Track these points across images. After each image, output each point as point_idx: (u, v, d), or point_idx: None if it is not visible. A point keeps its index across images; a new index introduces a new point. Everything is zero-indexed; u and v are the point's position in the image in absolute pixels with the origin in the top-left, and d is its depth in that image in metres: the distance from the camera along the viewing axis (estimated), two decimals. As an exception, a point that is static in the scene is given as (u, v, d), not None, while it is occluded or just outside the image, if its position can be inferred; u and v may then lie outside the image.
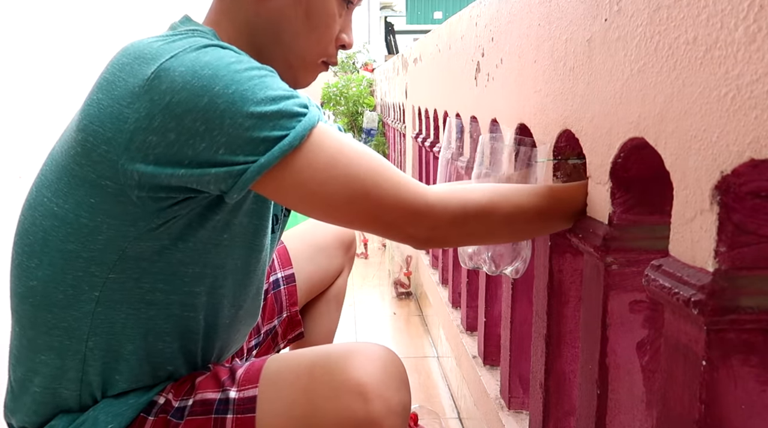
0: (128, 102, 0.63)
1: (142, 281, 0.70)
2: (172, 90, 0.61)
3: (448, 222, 0.70)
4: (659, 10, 0.55)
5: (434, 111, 1.86)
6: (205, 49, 0.65)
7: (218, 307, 0.78)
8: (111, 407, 0.72)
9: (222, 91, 0.61)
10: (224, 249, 0.75)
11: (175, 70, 0.62)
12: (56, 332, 0.71)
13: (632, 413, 0.69)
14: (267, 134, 0.62)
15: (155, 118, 0.62)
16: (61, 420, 0.73)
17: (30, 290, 0.71)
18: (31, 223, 0.71)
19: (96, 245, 0.68)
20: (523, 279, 1.03)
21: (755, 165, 0.45)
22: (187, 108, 0.61)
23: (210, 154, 0.62)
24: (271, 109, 0.63)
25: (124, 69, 0.65)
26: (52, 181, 0.70)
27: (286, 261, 1.14)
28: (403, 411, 0.71)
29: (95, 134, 0.65)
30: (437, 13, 13.33)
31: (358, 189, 0.66)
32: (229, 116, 0.61)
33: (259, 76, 0.64)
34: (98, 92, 0.67)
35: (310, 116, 0.65)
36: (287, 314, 1.12)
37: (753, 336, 0.49)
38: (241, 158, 0.63)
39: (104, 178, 0.65)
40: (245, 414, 0.71)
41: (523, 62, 0.94)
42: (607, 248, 0.66)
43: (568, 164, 0.81)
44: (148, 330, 0.73)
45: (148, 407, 0.73)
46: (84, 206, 0.67)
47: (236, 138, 0.62)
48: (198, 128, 0.61)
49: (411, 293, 2.34)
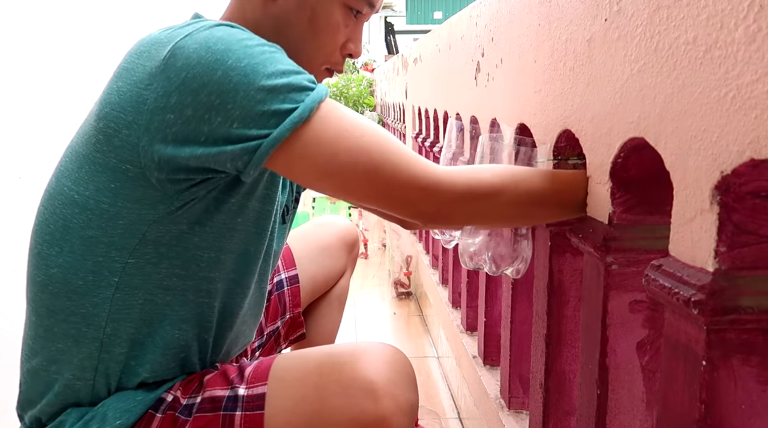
0: (146, 84, 0.65)
1: (160, 265, 0.72)
2: (187, 66, 0.64)
3: (456, 199, 0.70)
4: (659, 10, 0.55)
5: (434, 111, 1.86)
6: (217, 27, 0.67)
7: (230, 294, 0.79)
8: (119, 403, 0.73)
9: (235, 64, 0.63)
10: (238, 234, 0.76)
11: (189, 47, 0.64)
12: (74, 318, 0.72)
13: (632, 413, 0.69)
14: (278, 107, 0.64)
15: (172, 95, 0.64)
16: (71, 415, 0.73)
17: (50, 278, 0.72)
18: (51, 213, 0.73)
19: (116, 230, 0.69)
20: (523, 279, 1.03)
21: (755, 165, 0.45)
22: (203, 82, 0.63)
23: (224, 128, 0.64)
24: (282, 82, 0.65)
25: (141, 55, 0.68)
26: (72, 170, 0.72)
27: (290, 262, 1.14)
28: (411, 410, 0.71)
29: (116, 119, 0.67)
30: (437, 13, 13.33)
31: (367, 163, 0.67)
32: (243, 89, 0.63)
33: (270, 52, 0.66)
34: (117, 81, 0.69)
35: (318, 90, 0.67)
36: (290, 316, 1.12)
37: (753, 336, 0.49)
38: (254, 132, 0.64)
39: (125, 162, 0.67)
40: (254, 411, 0.72)
41: (523, 62, 0.94)
42: (607, 248, 0.66)
43: (568, 164, 0.81)
44: (164, 316, 0.74)
45: (156, 404, 0.74)
46: (105, 192, 0.69)
47: (249, 111, 0.64)
48: (213, 102, 0.63)
49: (411, 293, 2.34)
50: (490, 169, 0.74)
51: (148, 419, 0.73)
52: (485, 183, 0.71)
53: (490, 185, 0.71)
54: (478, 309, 1.33)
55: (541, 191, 0.73)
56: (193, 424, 0.72)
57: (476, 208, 0.72)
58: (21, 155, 1.24)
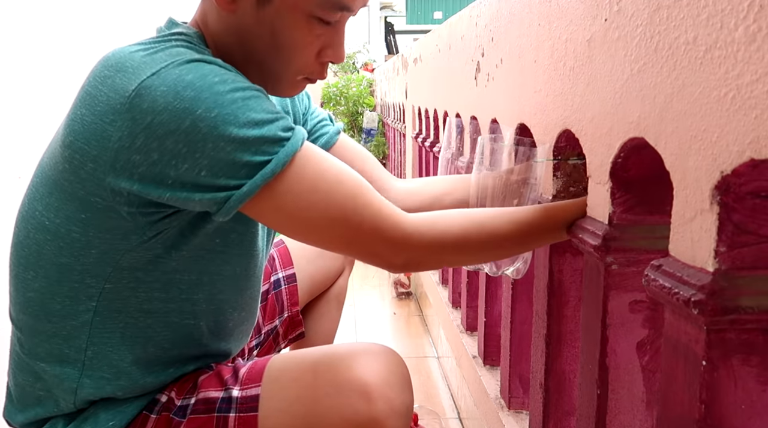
0: (110, 119, 0.62)
1: (138, 290, 0.71)
2: (153, 110, 0.60)
3: (424, 252, 0.71)
4: (659, 10, 0.55)
5: (434, 111, 1.86)
6: (188, 65, 0.62)
7: (218, 312, 0.78)
8: (112, 404, 0.73)
9: (204, 114, 0.60)
10: (218, 255, 0.75)
11: (156, 89, 0.60)
12: (56, 340, 0.71)
13: (632, 413, 0.69)
14: (249, 159, 0.62)
15: (138, 137, 0.61)
16: (60, 419, 0.73)
17: (28, 301, 0.71)
18: (24, 236, 0.71)
19: (89, 259, 0.68)
20: (523, 279, 1.03)
21: (755, 165, 0.45)
22: (169, 130, 0.60)
23: (192, 175, 0.62)
24: (254, 134, 0.62)
25: (105, 82, 0.64)
26: (43, 194, 0.69)
27: (287, 261, 1.14)
28: (406, 412, 0.71)
29: (81, 151, 0.64)
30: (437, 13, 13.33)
31: (338, 216, 0.67)
32: (212, 140, 0.60)
33: (243, 98, 0.62)
34: (81, 107, 0.65)
35: (293, 140, 0.65)
36: (288, 314, 1.12)
37: (753, 336, 0.49)
38: (223, 182, 0.62)
39: (93, 195, 0.65)
40: (248, 412, 0.72)
41: (523, 62, 0.94)
42: (607, 248, 0.66)
43: (568, 164, 0.81)
44: (147, 339, 0.73)
45: (150, 405, 0.74)
46: (75, 221, 0.67)
47: (218, 161, 0.61)
48: (180, 150, 0.61)
49: (411, 293, 2.34)
50: (457, 219, 0.73)
51: (142, 420, 0.72)
52: (451, 234, 0.71)
53: (456, 235, 0.71)
54: (478, 309, 1.33)
55: (512, 233, 0.73)
56: (187, 426, 0.72)
57: (445, 257, 0.75)
58: (21, 155, 1.24)
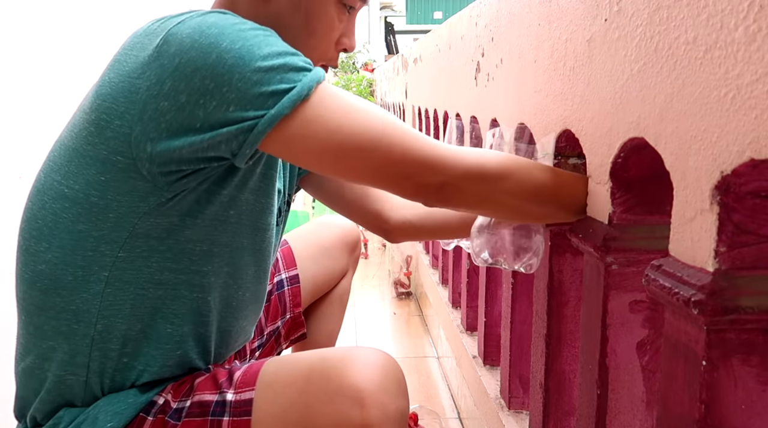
0: (139, 73, 0.65)
1: (151, 259, 0.71)
2: (180, 51, 0.63)
3: (462, 175, 0.70)
4: (659, 10, 0.55)
5: (434, 111, 1.86)
6: (210, 13, 0.66)
7: (225, 289, 0.78)
8: (110, 406, 0.72)
9: (229, 46, 0.62)
10: (231, 226, 0.76)
11: (182, 32, 0.64)
12: (65, 315, 0.71)
13: (632, 413, 0.69)
14: (276, 88, 0.63)
15: (165, 82, 0.63)
16: (63, 418, 0.73)
17: (38, 275, 0.71)
18: (39, 207, 0.72)
19: (106, 223, 0.69)
20: (523, 279, 1.03)
21: (755, 165, 0.45)
22: (196, 66, 0.62)
23: (221, 112, 0.63)
24: (278, 62, 0.64)
25: (135, 47, 0.67)
26: (61, 164, 0.71)
27: (291, 262, 1.13)
28: (400, 418, 0.70)
29: (109, 111, 0.66)
30: (437, 13, 13.33)
31: (368, 139, 0.67)
32: (238, 71, 0.62)
33: (264, 35, 0.65)
34: (109, 73, 0.68)
35: (316, 70, 0.67)
36: (291, 315, 1.12)
37: (753, 336, 0.49)
38: (252, 113, 0.63)
39: (116, 153, 0.67)
40: (241, 416, 0.71)
41: (523, 62, 0.94)
42: (607, 248, 0.66)
43: (568, 163, 0.81)
44: (156, 310, 0.73)
45: (147, 407, 0.73)
46: (94, 185, 0.68)
47: (245, 93, 0.63)
48: (207, 86, 0.62)
49: (411, 293, 2.34)
50: (497, 154, 0.75)
51: (139, 422, 0.72)
52: (492, 164, 0.71)
53: (498, 168, 0.71)
54: (478, 309, 1.33)
55: (545, 183, 0.74)
56: None
57: (481, 188, 0.72)
58: (21, 155, 1.24)
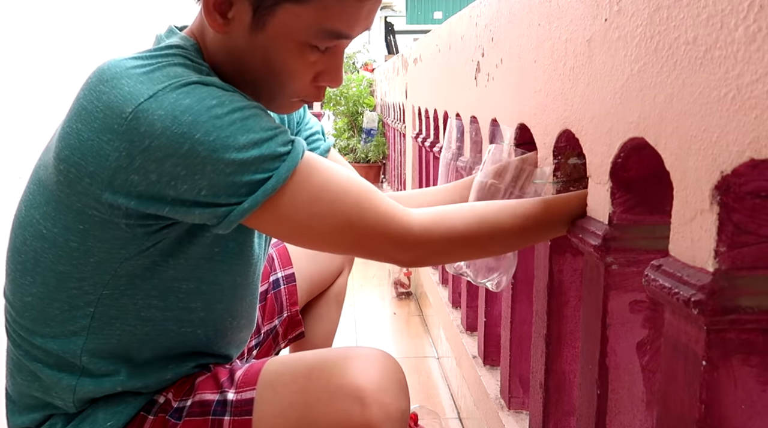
0: (108, 138, 0.61)
1: (136, 297, 0.71)
2: (151, 134, 0.60)
3: (431, 250, 0.72)
4: (659, 10, 0.55)
5: (434, 111, 1.86)
6: (185, 88, 0.62)
7: (217, 321, 0.78)
8: (110, 405, 0.73)
9: (203, 138, 0.60)
10: (217, 264, 0.75)
11: (153, 113, 0.60)
12: (53, 345, 0.71)
13: (632, 413, 0.69)
14: (250, 178, 0.62)
15: (135, 159, 0.61)
16: (60, 418, 0.73)
17: (26, 305, 0.71)
18: (21, 242, 0.71)
19: (87, 267, 0.68)
20: (523, 279, 1.03)
21: (755, 165, 0.45)
22: (168, 153, 0.60)
23: (192, 195, 0.62)
24: (253, 154, 0.62)
25: (101, 98, 0.63)
26: (40, 203, 0.69)
27: (287, 261, 1.13)
28: (401, 417, 0.70)
29: (77, 166, 0.63)
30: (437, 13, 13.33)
31: (343, 223, 0.67)
32: (211, 163, 0.60)
33: (241, 119, 0.62)
34: (77, 121, 0.64)
35: (293, 154, 0.64)
36: (287, 314, 1.12)
37: (753, 336, 0.49)
38: (224, 200, 0.62)
39: (91, 208, 0.65)
40: (242, 416, 0.71)
41: (523, 62, 0.94)
42: (607, 248, 0.66)
43: (568, 164, 0.81)
44: (144, 345, 0.73)
45: (147, 405, 0.74)
46: (73, 231, 0.67)
47: (218, 182, 0.61)
48: (179, 172, 0.61)
49: (411, 293, 2.34)
50: (462, 215, 0.73)
51: (139, 421, 0.72)
52: (456, 230, 0.72)
53: (465, 232, 0.72)
54: (478, 309, 1.33)
55: (515, 226, 0.74)
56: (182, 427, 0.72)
57: (451, 252, 0.75)
58: (21, 155, 1.24)
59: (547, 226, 0.75)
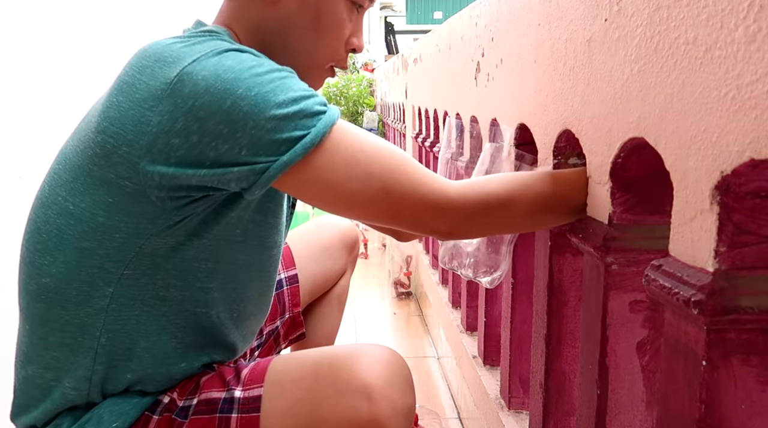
0: (150, 105, 0.64)
1: (156, 277, 0.71)
2: (195, 94, 0.62)
3: (470, 215, 0.71)
4: (659, 10, 0.55)
5: (434, 111, 1.86)
6: (226, 53, 0.65)
7: (229, 303, 0.78)
8: (115, 405, 0.73)
9: (245, 93, 0.62)
10: (237, 245, 0.76)
11: (197, 74, 0.63)
12: (69, 328, 0.71)
13: (632, 413, 0.69)
14: (289, 135, 0.63)
15: (178, 121, 0.63)
16: (66, 419, 0.73)
17: (42, 288, 0.71)
18: (44, 221, 0.71)
19: (112, 243, 0.69)
20: (523, 279, 1.03)
21: (755, 165, 0.45)
22: (211, 111, 0.62)
23: (232, 155, 0.63)
24: (292, 109, 0.64)
25: (144, 71, 0.66)
26: (67, 180, 0.70)
27: (290, 262, 1.14)
28: (408, 413, 0.71)
29: (116, 136, 0.65)
30: (437, 13, 13.34)
31: (379, 187, 0.67)
32: (252, 118, 0.62)
33: (280, 78, 0.65)
34: (118, 95, 0.67)
35: (330, 113, 0.67)
36: (290, 315, 1.12)
37: (753, 336, 0.49)
38: (263, 158, 0.64)
39: (123, 178, 0.66)
40: (250, 413, 0.72)
41: (523, 62, 0.94)
42: (607, 248, 0.66)
43: (568, 164, 0.81)
44: (161, 326, 0.73)
45: (152, 406, 0.74)
46: (101, 205, 0.68)
47: (258, 139, 0.63)
48: (221, 131, 0.62)
49: (411, 293, 2.34)
50: (496, 179, 0.74)
51: (144, 421, 0.72)
52: (495, 195, 0.71)
53: (501, 195, 0.72)
54: (478, 309, 1.33)
55: (548, 194, 0.73)
56: (189, 426, 0.72)
57: (489, 220, 0.73)
58: (21, 155, 1.24)
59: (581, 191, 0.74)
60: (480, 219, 0.72)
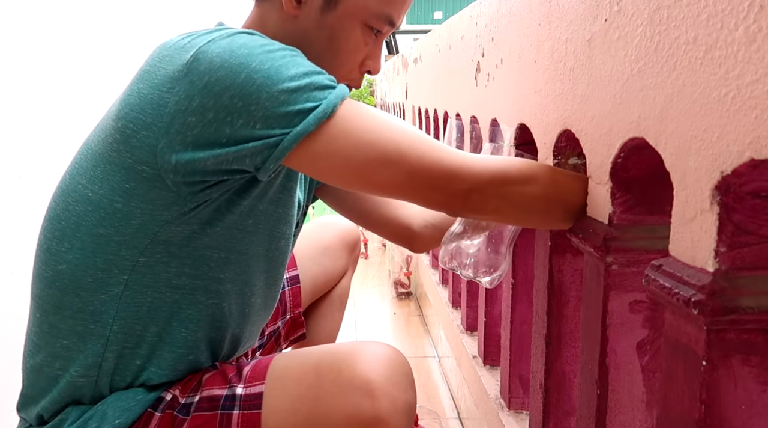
0: (168, 87, 0.66)
1: (170, 265, 0.72)
2: (210, 70, 0.64)
3: (488, 181, 0.70)
4: (659, 10, 0.55)
5: (434, 111, 1.86)
6: (239, 34, 0.68)
7: (240, 295, 0.79)
8: (119, 402, 0.73)
9: (258, 67, 0.64)
10: (248, 235, 0.77)
11: (212, 51, 0.65)
12: (81, 315, 0.72)
13: (632, 413, 0.69)
14: (302, 106, 0.65)
15: (194, 98, 0.64)
16: (71, 413, 0.73)
17: (58, 274, 0.72)
18: (63, 208, 0.73)
19: (128, 230, 0.70)
20: (523, 279, 1.03)
21: (755, 165, 0.45)
22: (226, 85, 0.63)
23: (247, 130, 0.64)
24: (304, 82, 0.65)
25: (164, 60, 0.68)
26: (87, 168, 0.72)
27: (291, 262, 1.14)
28: (409, 411, 0.71)
29: (135, 120, 0.67)
30: (437, 13, 13.34)
31: (394, 152, 0.67)
32: (266, 91, 0.63)
33: (291, 55, 0.67)
34: (139, 83, 0.69)
35: (340, 88, 0.68)
36: (291, 316, 1.12)
37: (753, 336, 0.49)
38: (278, 131, 0.65)
39: (141, 163, 0.67)
40: (251, 410, 0.72)
41: (523, 62, 0.94)
42: (607, 248, 0.66)
43: (568, 164, 0.81)
44: (172, 315, 0.74)
45: (155, 403, 0.74)
46: (119, 192, 0.69)
47: (272, 112, 0.64)
48: (236, 105, 0.64)
49: (411, 293, 2.34)
50: (520, 160, 0.74)
51: (147, 417, 0.73)
52: (516, 168, 0.72)
53: (521, 171, 0.72)
54: (478, 309, 1.33)
55: (567, 188, 0.73)
56: (191, 423, 0.72)
57: (506, 193, 0.71)
58: (21, 155, 1.24)
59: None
60: (496, 190, 0.70)
